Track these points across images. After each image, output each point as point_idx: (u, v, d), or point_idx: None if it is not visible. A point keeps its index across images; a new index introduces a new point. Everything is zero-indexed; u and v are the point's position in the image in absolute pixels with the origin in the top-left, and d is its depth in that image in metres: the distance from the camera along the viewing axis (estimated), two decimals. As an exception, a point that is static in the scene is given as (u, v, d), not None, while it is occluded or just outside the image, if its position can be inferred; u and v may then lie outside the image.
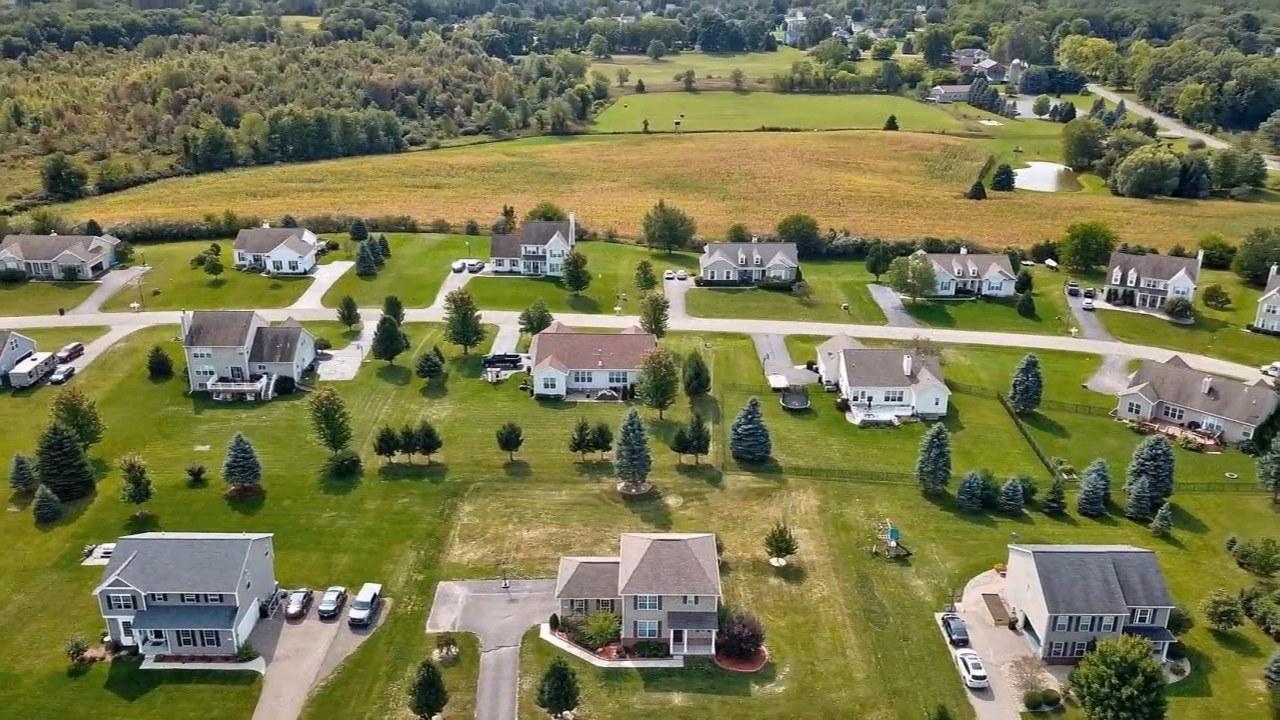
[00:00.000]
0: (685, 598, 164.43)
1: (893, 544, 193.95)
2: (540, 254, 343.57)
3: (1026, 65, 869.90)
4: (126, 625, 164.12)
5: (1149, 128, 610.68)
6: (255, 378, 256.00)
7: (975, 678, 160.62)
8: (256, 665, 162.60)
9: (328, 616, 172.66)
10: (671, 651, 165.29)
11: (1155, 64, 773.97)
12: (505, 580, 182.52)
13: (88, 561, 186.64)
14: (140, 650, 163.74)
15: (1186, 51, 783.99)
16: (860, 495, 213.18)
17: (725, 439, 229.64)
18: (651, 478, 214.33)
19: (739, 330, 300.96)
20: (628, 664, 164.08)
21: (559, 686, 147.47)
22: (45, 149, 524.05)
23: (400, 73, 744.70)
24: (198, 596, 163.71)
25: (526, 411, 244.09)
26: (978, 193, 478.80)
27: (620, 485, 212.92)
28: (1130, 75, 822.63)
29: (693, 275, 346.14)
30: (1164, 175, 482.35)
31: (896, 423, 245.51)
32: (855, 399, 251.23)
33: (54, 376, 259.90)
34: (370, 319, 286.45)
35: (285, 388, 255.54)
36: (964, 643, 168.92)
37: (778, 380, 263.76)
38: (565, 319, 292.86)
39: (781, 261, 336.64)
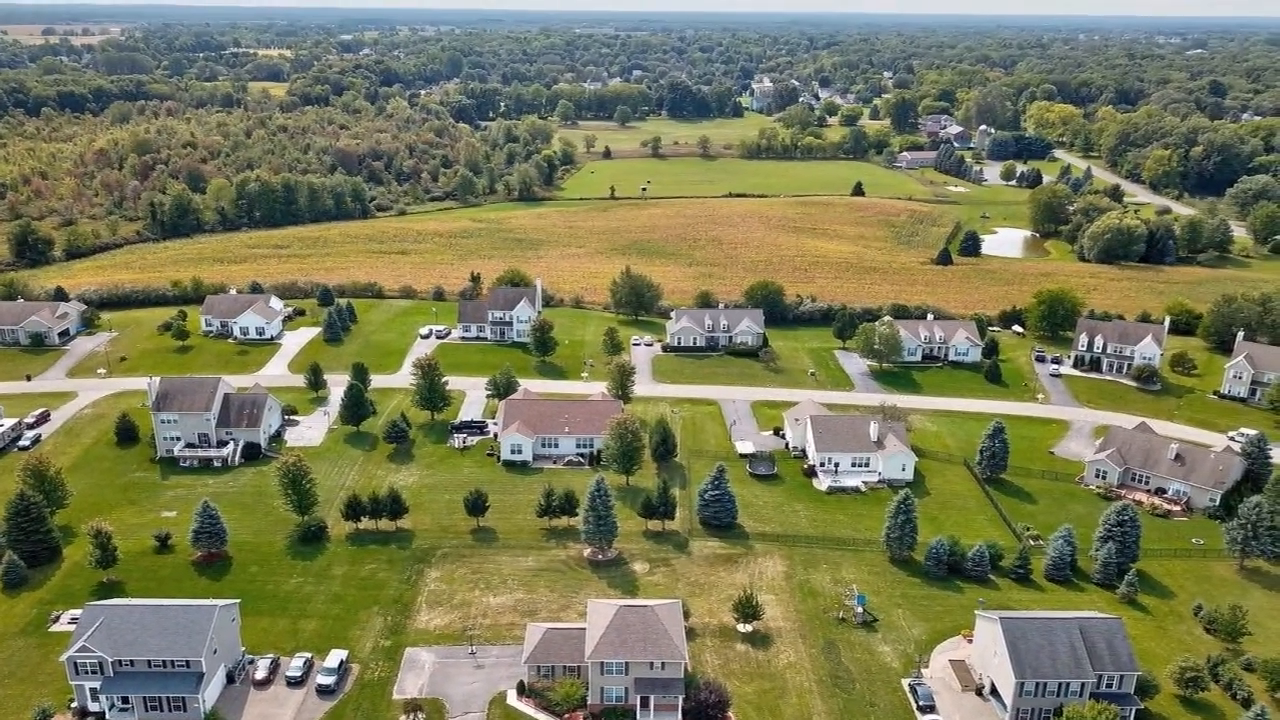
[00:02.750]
0: (652, 664, 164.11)
1: (859, 610, 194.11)
2: (507, 320, 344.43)
3: (993, 131, 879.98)
4: (93, 691, 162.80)
5: (1115, 194, 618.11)
6: (222, 444, 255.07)
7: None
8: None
9: (294, 683, 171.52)
10: (638, 718, 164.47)
11: (1122, 130, 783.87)
12: (472, 646, 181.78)
13: (54, 627, 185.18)
14: (107, 716, 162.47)
15: (1153, 118, 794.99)
16: (827, 561, 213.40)
17: (692, 505, 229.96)
18: (618, 544, 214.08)
19: (706, 396, 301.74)
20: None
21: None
22: (12, 215, 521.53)
23: (367, 139, 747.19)
24: (164, 662, 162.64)
25: (493, 477, 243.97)
26: (944, 259, 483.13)
27: (587, 551, 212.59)
28: (1097, 141, 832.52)
29: (659, 341, 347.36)
30: (1130, 241, 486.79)
31: (863, 488, 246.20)
32: (822, 465, 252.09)
33: (20, 442, 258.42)
34: (337, 385, 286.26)
35: (252, 454, 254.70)
36: (931, 709, 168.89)
37: (744, 446, 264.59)
38: (532, 385, 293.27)
39: (748, 327, 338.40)
